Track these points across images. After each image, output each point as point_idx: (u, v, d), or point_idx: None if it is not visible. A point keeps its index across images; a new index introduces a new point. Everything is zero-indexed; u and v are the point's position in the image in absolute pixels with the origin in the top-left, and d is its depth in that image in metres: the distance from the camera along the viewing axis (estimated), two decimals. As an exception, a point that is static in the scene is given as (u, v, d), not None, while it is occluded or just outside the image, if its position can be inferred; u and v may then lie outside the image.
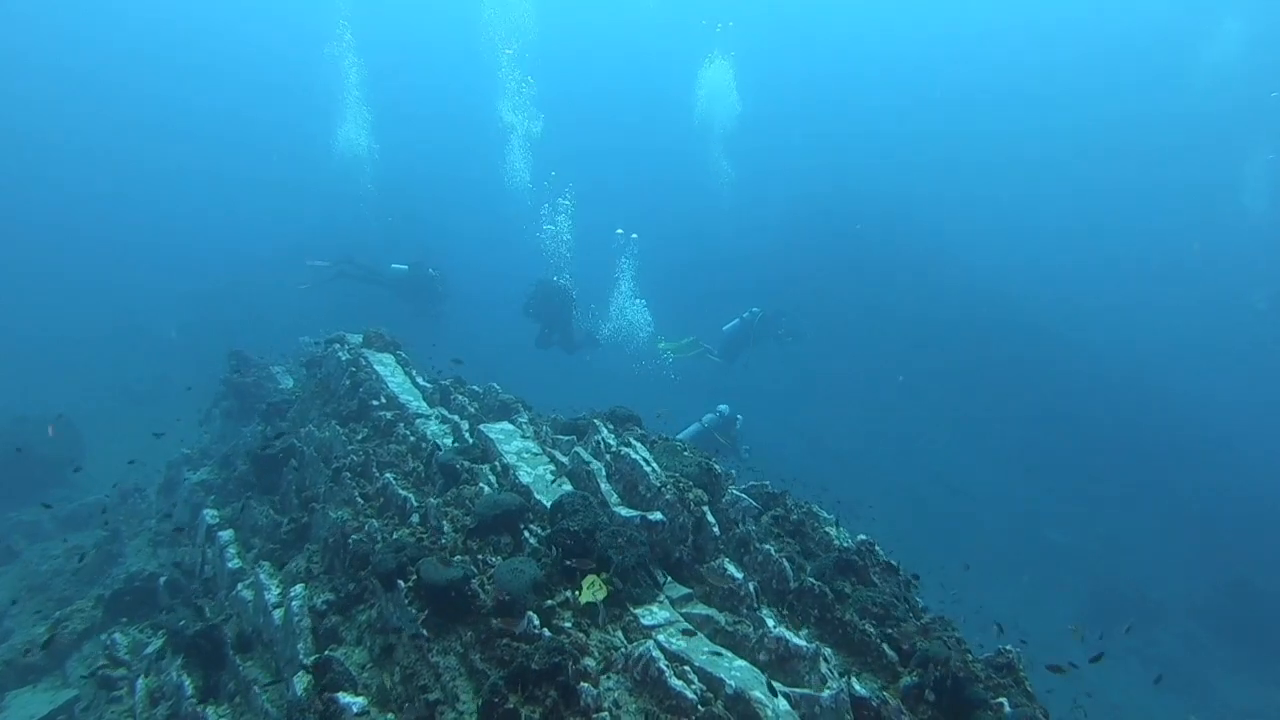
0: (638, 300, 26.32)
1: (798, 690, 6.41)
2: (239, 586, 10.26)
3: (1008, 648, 7.60)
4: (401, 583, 7.38)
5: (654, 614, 7.05)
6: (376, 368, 12.55)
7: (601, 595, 6.92)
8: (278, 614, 8.92)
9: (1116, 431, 34.31)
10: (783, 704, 6.11)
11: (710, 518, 8.07)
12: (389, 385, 12.08)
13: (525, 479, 8.74)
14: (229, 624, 9.61)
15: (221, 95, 59.37)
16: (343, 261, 27.68)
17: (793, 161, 51.07)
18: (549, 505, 8.15)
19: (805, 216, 42.90)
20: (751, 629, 7.04)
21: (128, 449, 21.60)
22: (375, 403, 11.70)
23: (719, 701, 6.02)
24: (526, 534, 7.90)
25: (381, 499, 9.41)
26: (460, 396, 12.06)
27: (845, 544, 8.78)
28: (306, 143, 47.37)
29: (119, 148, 56.03)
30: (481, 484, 8.67)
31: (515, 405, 11.66)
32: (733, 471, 9.56)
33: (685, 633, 6.96)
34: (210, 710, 8.15)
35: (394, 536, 8.05)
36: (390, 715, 6.72)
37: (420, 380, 12.72)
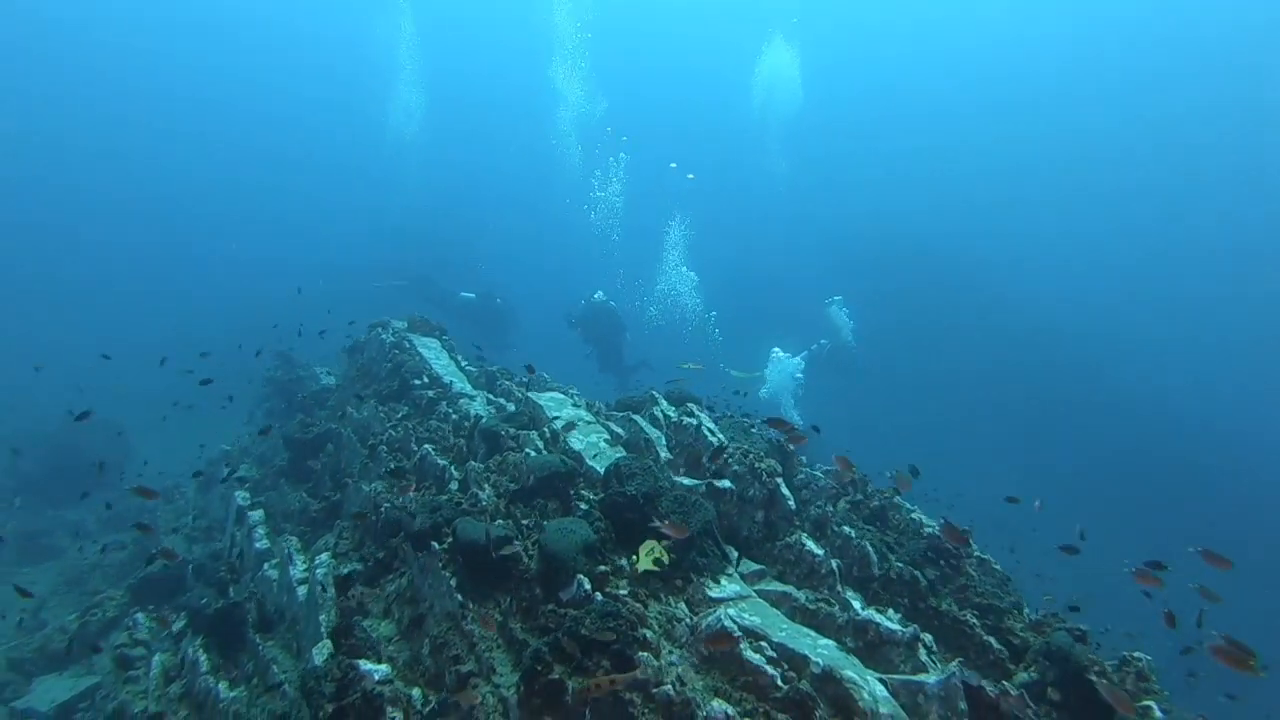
0: (687, 271, 25.01)
1: (895, 676, 5.37)
2: (265, 566, 9.55)
3: (1136, 655, 6.43)
4: (435, 544, 6.56)
5: (722, 586, 6.08)
6: (420, 350, 11.91)
7: (661, 565, 5.99)
8: (302, 590, 8.16)
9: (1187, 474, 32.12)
10: (879, 688, 5.09)
11: (785, 490, 7.10)
12: (433, 366, 11.42)
13: (576, 445, 7.89)
14: (251, 603, 8.87)
15: (276, 105, 59.90)
16: (420, 281, 27.54)
17: (850, 172, 49.66)
18: (602, 471, 7.28)
19: (861, 234, 41.56)
20: (837, 608, 6.02)
21: (173, 452, 21.42)
22: (417, 382, 11.03)
23: (803, 681, 5.01)
24: (577, 500, 7.02)
25: (420, 469, 8.64)
26: (506, 381, 11.31)
27: (935, 532, 7.69)
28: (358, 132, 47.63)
29: (177, 154, 57.22)
30: (528, 450, 7.84)
31: (567, 390, 10.88)
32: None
33: (758, 609, 5.97)
34: (223, 685, 7.34)
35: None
36: (416, 689, 5.84)
37: (465, 365, 12.04)
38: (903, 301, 37.22)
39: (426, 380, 10.96)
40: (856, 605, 6.15)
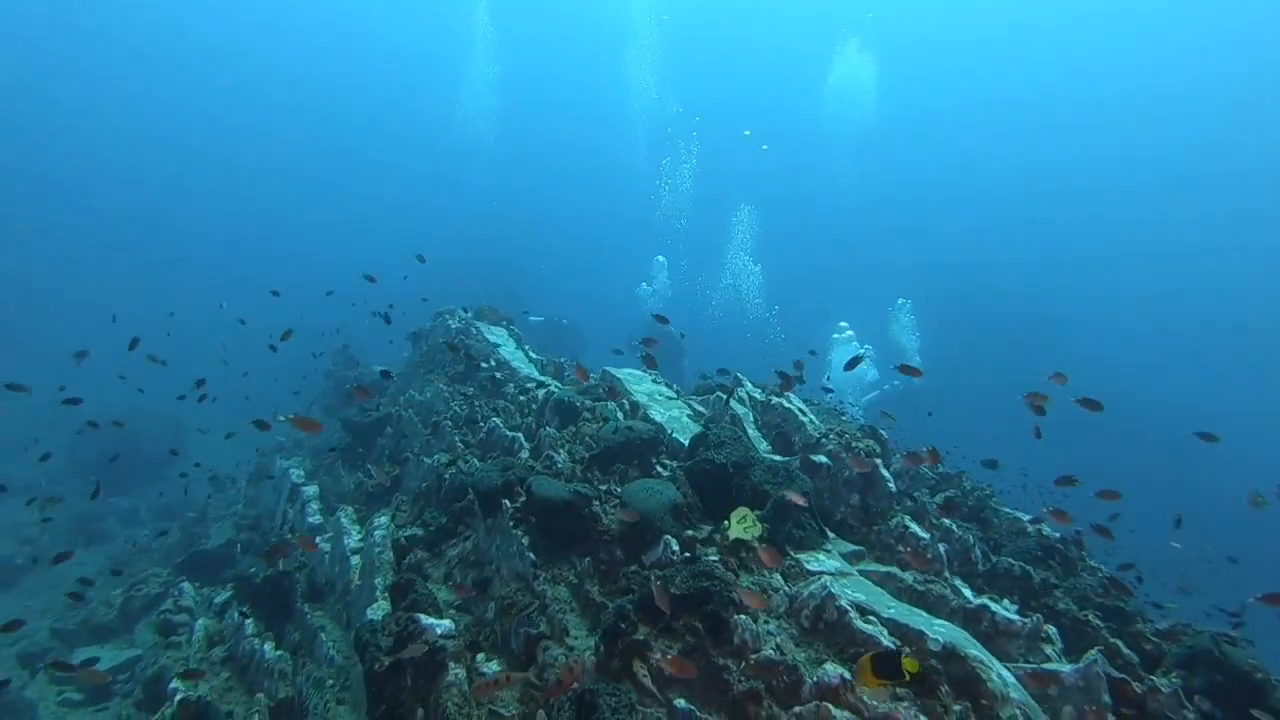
0: (752, 264, 24.21)
1: (1021, 665, 4.73)
2: (317, 540, 9.19)
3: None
4: (507, 503, 6.11)
5: (820, 561, 5.50)
6: (488, 335, 11.62)
7: (755, 532, 5.45)
8: (355, 560, 7.76)
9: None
10: (1006, 672, 4.45)
11: (884, 472, 6.51)
12: (500, 351, 11.08)
13: (658, 418, 7.41)
14: (301, 574, 8.50)
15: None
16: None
17: (925, 189, 48.29)
18: (686, 443, 6.78)
19: (931, 258, 40.12)
20: (949, 591, 5.39)
21: (228, 447, 21.44)
22: (484, 364, 10.71)
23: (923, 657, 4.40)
24: (659, 468, 6.52)
25: (486, 443, 8.24)
26: (572, 369, 10.92)
27: (1047, 533, 7.01)
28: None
29: (252, 153, 58.37)
30: (606, 418, 7.39)
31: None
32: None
33: (861, 586, 5.37)
34: (268, 645, 6.93)
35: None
36: (481, 655, 5.35)
37: (533, 354, 11.69)
38: (967, 331, 35.76)
39: (494, 364, 10.63)
40: (967, 593, 5.52)
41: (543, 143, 52.48)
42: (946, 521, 6.63)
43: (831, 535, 6.10)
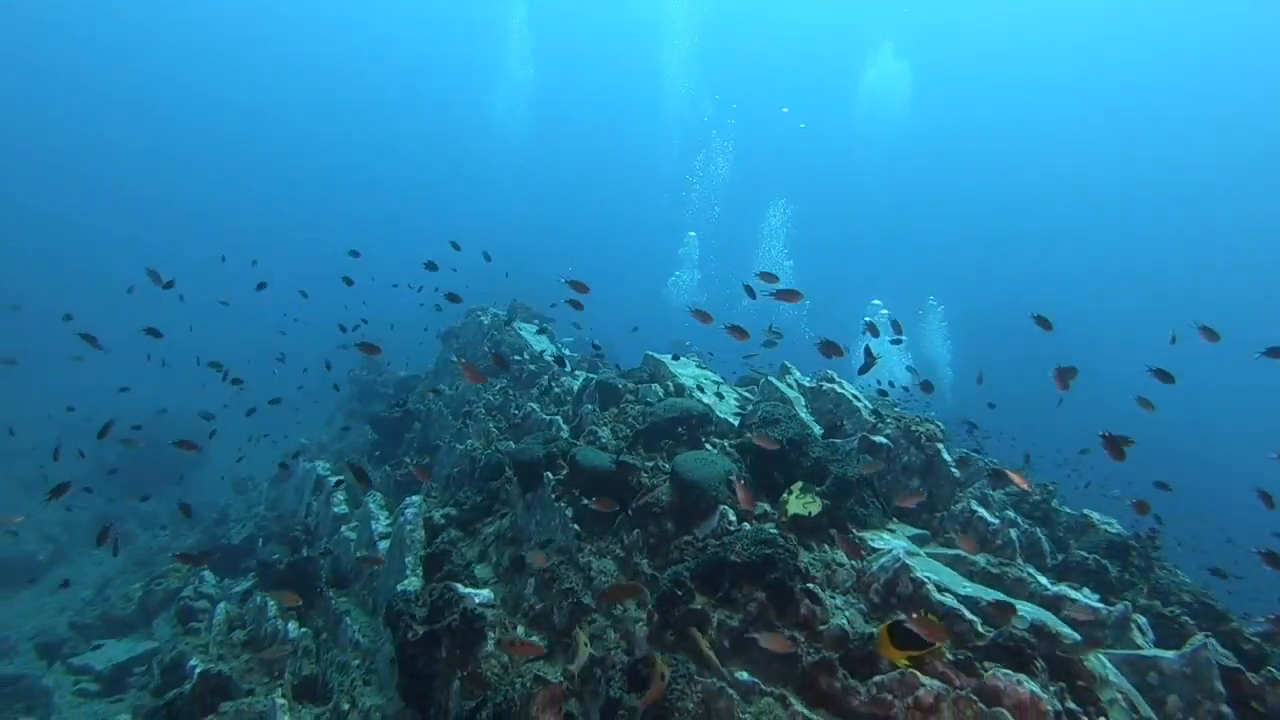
0: (784, 259, 23.58)
1: (1115, 651, 4.30)
2: (342, 529, 8.89)
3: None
4: (549, 475, 5.78)
5: (885, 540, 5.12)
6: (521, 331, 11.35)
7: (814, 508, 5.08)
8: (384, 544, 7.44)
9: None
10: (1101, 655, 4.04)
11: (946, 456, 6.12)
12: (533, 346, 10.82)
13: (705, 400, 7.07)
14: (325, 560, 8.20)
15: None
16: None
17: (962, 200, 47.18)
18: (736, 424, 6.45)
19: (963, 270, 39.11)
20: (1025, 574, 4.97)
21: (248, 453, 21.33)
22: (517, 358, 10.43)
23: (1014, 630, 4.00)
24: (709, 446, 6.18)
25: (522, 427, 7.94)
26: (608, 369, 10.62)
27: (1116, 530, 6.56)
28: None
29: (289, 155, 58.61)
30: (650, 398, 7.06)
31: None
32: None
33: (930, 566, 4.97)
34: (292, 624, 6.61)
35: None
36: (521, 629, 5.00)
37: (566, 351, 11.42)
38: (998, 340, 34.64)
39: (527, 357, 10.35)
40: (1043, 579, 5.10)
41: (574, 148, 52.47)
42: (1010, 513, 6.22)
43: (893, 519, 5.71)
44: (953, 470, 6.05)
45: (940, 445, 6.17)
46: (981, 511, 5.62)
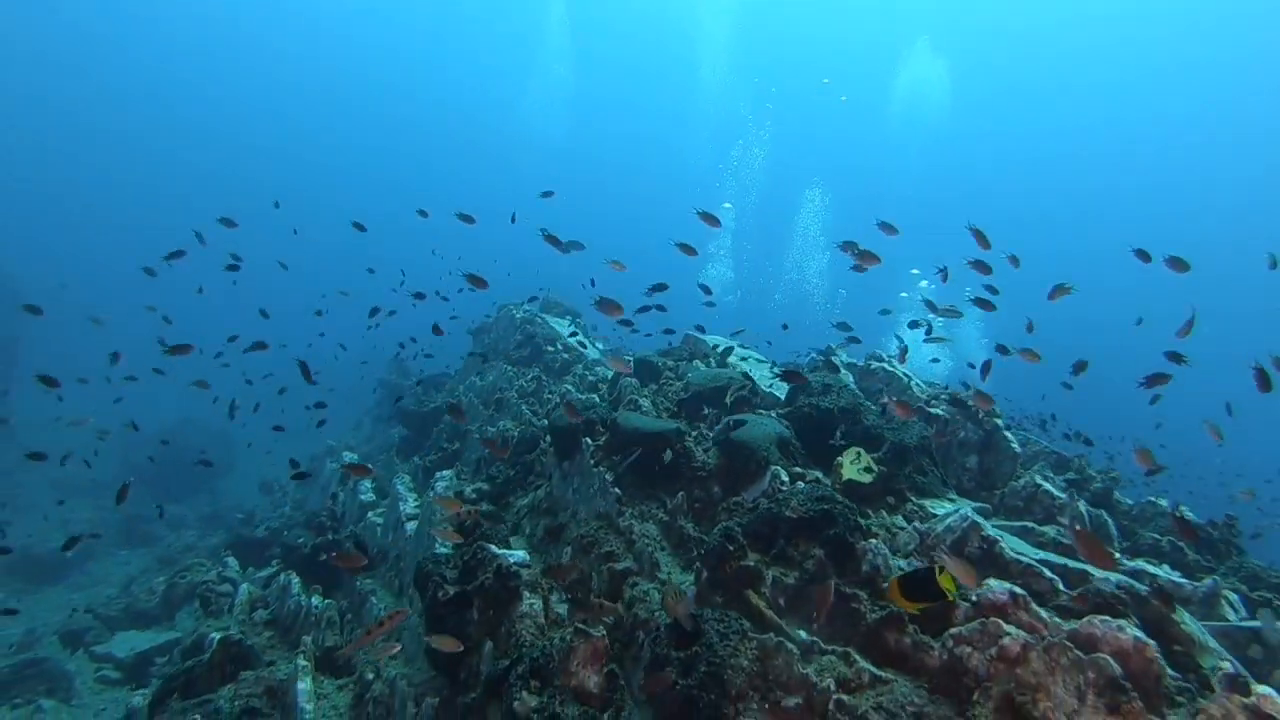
0: (820, 254, 22.91)
1: (1211, 623, 3.93)
2: (369, 515, 8.69)
3: None
4: (588, 440, 5.52)
5: (945, 508, 4.77)
6: (553, 324, 11.17)
7: (870, 475, 4.76)
8: (411, 525, 7.21)
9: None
10: (1196, 621, 3.67)
11: (1007, 434, 5.78)
12: (565, 337, 10.62)
13: (749, 371, 6.79)
14: (350, 543, 7.98)
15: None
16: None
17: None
18: (782, 396, 6.15)
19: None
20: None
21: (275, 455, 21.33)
22: (550, 348, 10.24)
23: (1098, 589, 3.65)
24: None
25: (557, 409, 7.69)
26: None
27: (1188, 515, 6.15)
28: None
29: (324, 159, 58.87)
30: (691, 372, 6.79)
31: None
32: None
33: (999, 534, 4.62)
34: (315, 598, 6.37)
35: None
36: (555, 595, 4.71)
37: (598, 345, 11.20)
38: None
39: (560, 347, 10.14)
40: (1117, 555, 4.72)
41: (609, 143, 52.15)
42: (1075, 496, 5.84)
43: (952, 489, 5.36)
44: (1013, 445, 5.70)
45: (998, 420, 5.83)
46: (1047, 485, 5.27)
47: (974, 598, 3.43)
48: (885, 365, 6.71)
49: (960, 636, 3.26)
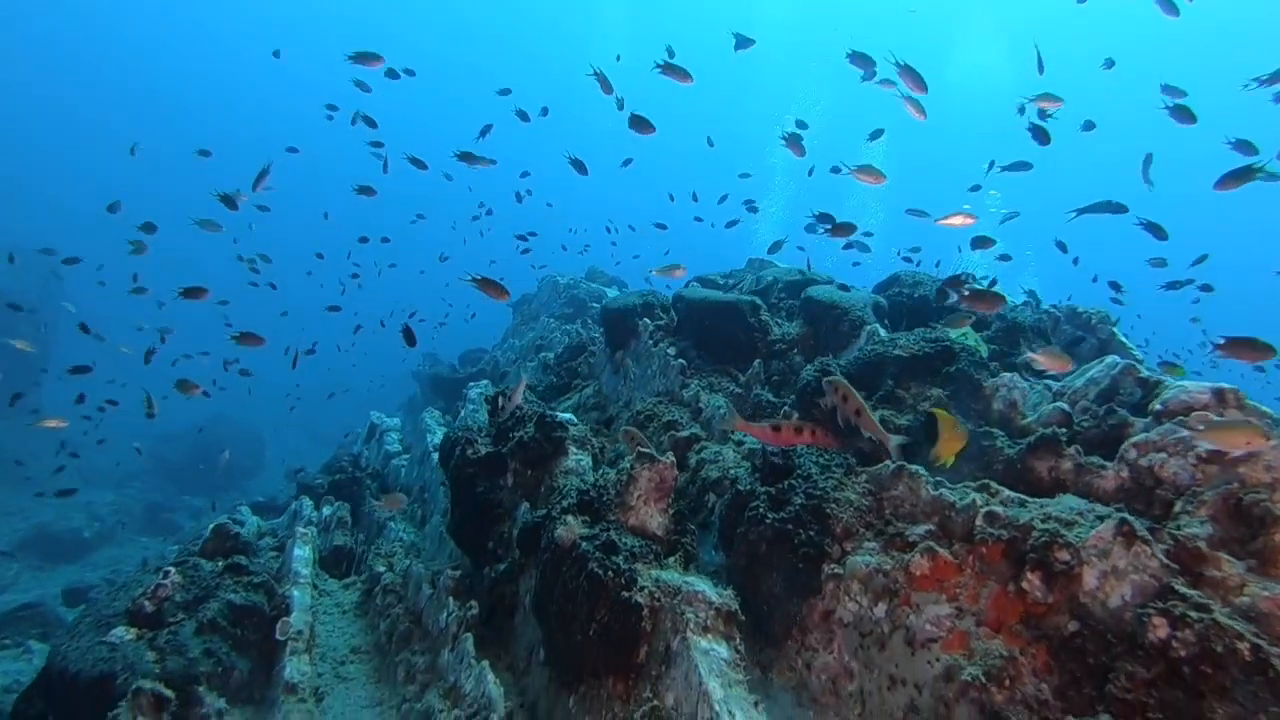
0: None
1: None
2: (393, 461, 8.07)
3: None
4: (647, 321, 4.85)
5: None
6: (598, 288, 10.61)
7: (983, 349, 4.01)
8: (437, 457, 6.54)
9: None
10: None
11: (1124, 339, 5.00)
12: (610, 298, 10.04)
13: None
14: (372, 479, 7.35)
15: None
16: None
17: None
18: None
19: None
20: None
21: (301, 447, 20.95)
22: (594, 305, 9.64)
23: None
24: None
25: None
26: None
27: None
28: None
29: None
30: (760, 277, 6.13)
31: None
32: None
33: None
34: (326, 508, 5.72)
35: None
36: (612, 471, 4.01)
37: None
38: None
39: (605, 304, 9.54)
40: None
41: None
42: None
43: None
44: (1134, 352, 4.91)
45: (1114, 328, 5.05)
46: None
47: (1158, 406, 2.67)
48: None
49: (1148, 443, 2.49)
